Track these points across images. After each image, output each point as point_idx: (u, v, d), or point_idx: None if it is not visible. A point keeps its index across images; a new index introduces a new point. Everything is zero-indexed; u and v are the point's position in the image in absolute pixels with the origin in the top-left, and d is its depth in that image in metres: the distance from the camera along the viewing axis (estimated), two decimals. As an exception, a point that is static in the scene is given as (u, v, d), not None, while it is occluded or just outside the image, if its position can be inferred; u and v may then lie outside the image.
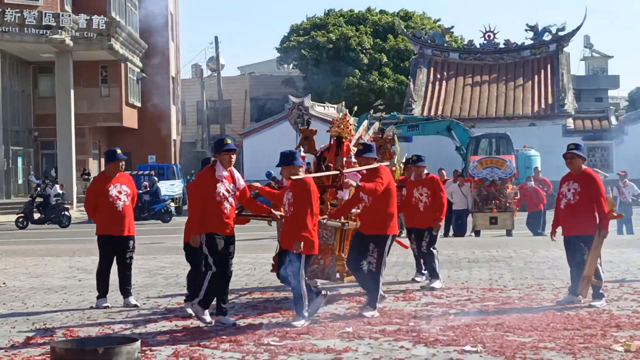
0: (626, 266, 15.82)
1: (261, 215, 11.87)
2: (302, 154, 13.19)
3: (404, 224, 15.69)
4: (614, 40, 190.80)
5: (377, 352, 8.92)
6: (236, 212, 11.23)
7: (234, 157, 10.73)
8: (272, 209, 11.41)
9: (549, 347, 8.93)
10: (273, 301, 12.48)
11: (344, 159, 13.03)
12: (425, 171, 14.11)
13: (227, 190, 10.63)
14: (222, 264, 10.57)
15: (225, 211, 10.61)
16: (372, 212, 11.34)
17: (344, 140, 13.36)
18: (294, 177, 10.55)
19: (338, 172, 11.67)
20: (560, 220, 12.08)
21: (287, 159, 10.73)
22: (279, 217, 11.29)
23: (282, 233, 10.98)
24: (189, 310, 11.19)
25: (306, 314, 10.43)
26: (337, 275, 12.79)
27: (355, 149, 13.23)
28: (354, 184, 10.93)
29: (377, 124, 14.97)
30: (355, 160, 12.67)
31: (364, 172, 11.59)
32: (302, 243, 10.34)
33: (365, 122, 15.20)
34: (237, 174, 10.84)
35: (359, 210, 11.84)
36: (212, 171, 10.65)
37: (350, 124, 13.58)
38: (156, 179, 39.19)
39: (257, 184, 11.58)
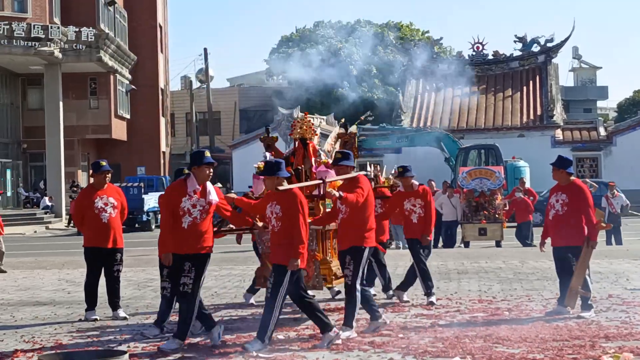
0: (615, 277, 15.84)
1: (243, 228, 11.44)
2: (269, 159, 12.92)
3: (401, 235, 15.26)
4: (602, 52, 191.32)
5: (366, 364, 8.91)
6: (216, 226, 10.83)
7: (211, 171, 10.07)
8: (255, 221, 10.81)
9: (537, 358, 8.93)
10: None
11: (313, 159, 12.57)
12: (416, 182, 13.51)
13: (194, 206, 9.91)
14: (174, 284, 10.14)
15: (184, 226, 9.88)
16: (349, 224, 10.53)
17: (308, 141, 12.78)
18: (280, 189, 9.78)
19: (321, 181, 10.92)
20: (549, 231, 12.10)
21: (272, 169, 9.95)
22: (263, 228, 10.75)
23: (271, 247, 10.08)
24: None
25: (267, 340, 9.60)
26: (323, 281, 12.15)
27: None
28: (337, 194, 10.13)
29: (336, 128, 14.10)
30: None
31: (343, 181, 10.86)
32: (299, 260, 9.64)
33: (336, 129, 14.33)
34: (210, 188, 10.08)
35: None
36: (184, 185, 10.00)
37: (313, 124, 12.97)
38: None
39: (234, 195, 11.16)
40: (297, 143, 12.84)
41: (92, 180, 12.81)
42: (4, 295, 15.44)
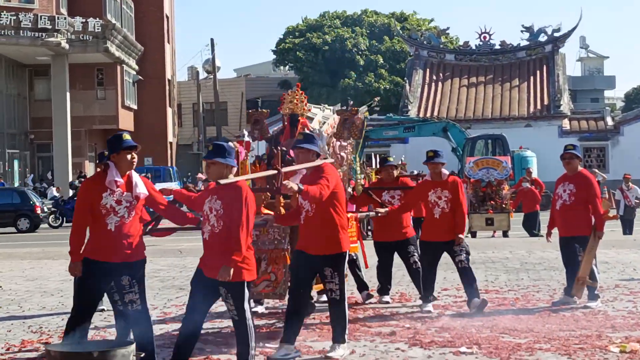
0: (622, 267, 15.83)
1: (187, 227, 9.03)
2: (247, 138, 10.86)
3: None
4: (610, 41, 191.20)
5: (373, 354, 8.92)
6: (149, 226, 9.20)
7: (135, 157, 8.13)
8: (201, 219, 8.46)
9: (544, 348, 8.94)
10: (270, 307, 12.46)
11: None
12: (445, 171, 11.98)
13: (119, 202, 7.83)
14: (90, 305, 8.00)
15: (109, 227, 7.78)
16: (318, 224, 8.66)
17: (300, 117, 11.06)
18: (222, 182, 7.77)
19: (276, 171, 8.85)
20: (555, 221, 12.09)
21: (221, 152, 8.02)
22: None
23: (206, 256, 8.02)
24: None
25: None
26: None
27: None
28: (295, 187, 8.16)
29: (334, 117, 12.12)
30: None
31: (304, 171, 8.98)
32: (232, 270, 7.69)
33: (334, 115, 12.37)
34: (137, 179, 8.01)
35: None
36: (102, 177, 7.94)
37: (305, 98, 11.27)
38: None
39: (172, 187, 9.24)
40: (286, 119, 11.24)
41: (99, 170, 12.82)
42: (11, 285, 15.47)
